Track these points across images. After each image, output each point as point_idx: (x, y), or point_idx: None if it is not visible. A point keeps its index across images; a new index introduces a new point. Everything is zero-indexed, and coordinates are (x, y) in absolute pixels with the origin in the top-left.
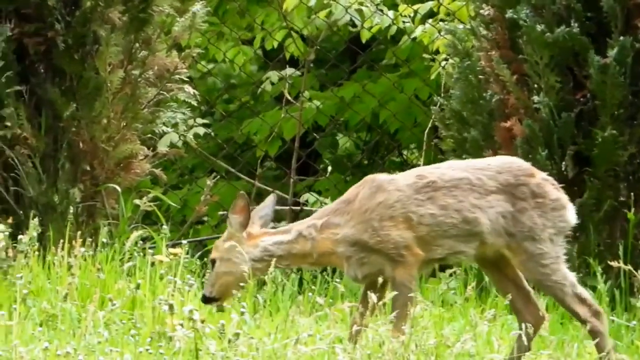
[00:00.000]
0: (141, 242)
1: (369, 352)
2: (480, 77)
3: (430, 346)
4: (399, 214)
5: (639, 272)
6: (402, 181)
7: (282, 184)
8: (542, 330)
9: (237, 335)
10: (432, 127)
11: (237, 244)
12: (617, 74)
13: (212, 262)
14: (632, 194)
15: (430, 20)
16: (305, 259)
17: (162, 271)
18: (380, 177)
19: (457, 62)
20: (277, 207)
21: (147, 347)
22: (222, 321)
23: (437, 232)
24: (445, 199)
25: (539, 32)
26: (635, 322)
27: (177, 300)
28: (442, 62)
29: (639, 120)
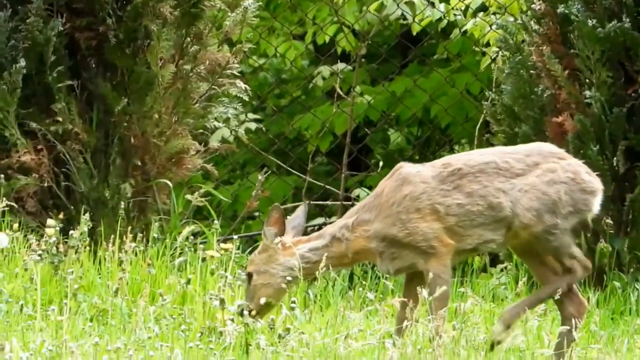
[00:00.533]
0: (192, 237)
1: (419, 347)
2: (531, 72)
3: (480, 341)
4: (425, 205)
5: None
6: (428, 172)
7: (334, 179)
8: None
9: (287, 330)
10: (483, 122)
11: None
12: None
13: (249, 276)
14: None
15: (481, 13)
16: (341, 260)
17: (212, 266)
18: (406, 169)
19: (509, 57)
20: (329, 203)
21: (197, 342)
22: (272, 316)
23: (465, 221)
24: (470, 186)
25: (590, 27)
26: None
27: (228, 295)
28: (493, 55)
29: None
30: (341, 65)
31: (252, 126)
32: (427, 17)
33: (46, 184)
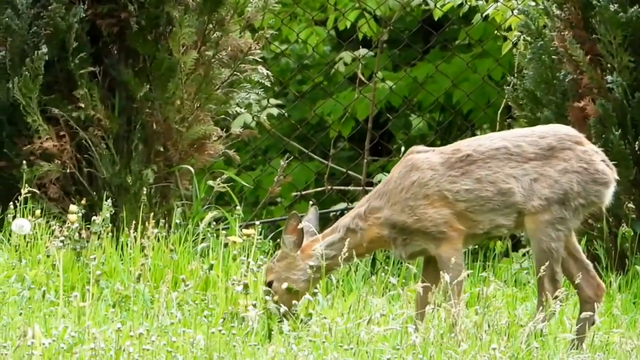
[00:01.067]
0: (214, 223)
1: (441, 331)
2: (553, 57)
3: (502, 326)
4: (433, 192)
5: None
6: (436, 159)
7: (355, 165)
8: (614, 309)
9: (310, 315)
10: (505, 107)
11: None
12: None
13: (269, 285)
14: None
15: None
16: (358, 250)
17: (235, 252)
18: (415, 156)
19: (530, 42)
20: (351, 188)
21: (220, 328)
22: (294, 301)
23: (475, 207)
24: (479, 172)
25: (612, 12)
26: None
27: (250, 280)
28: (514, 40)
29: None
30: (363, 50)
31: (274, 112)
32: (449, 2)
33: (68, 170)
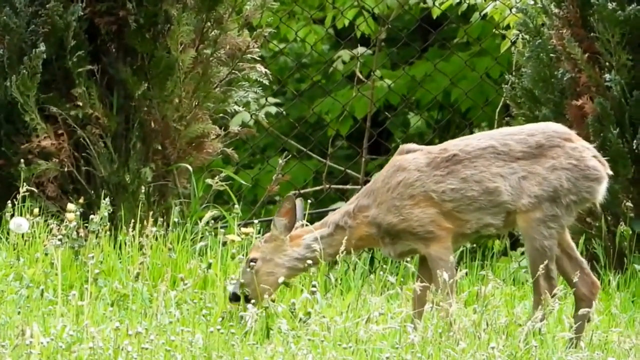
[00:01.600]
0: (213, 221)
1: (440, 330)
2: (551, 55)
3: (501, 325)
4: (419, 192)
5: None
6: (423, 159)
7: (354, 163)
8: (612, 307)
9: (308, 314)
10: (503, 106)
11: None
12: None
13: (251, 261)
14: None
15: None
16: (347, 247)
17: (233, 250)
18: (403, 156)
19: (529, 40)
20: (349, 187)
21: (219, 327)
22: (293, 300)
23: (462, 206)
24: (465, 171)
25: (610, 10)
26: None
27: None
28: (513, 38)
29: None
30: (361, 49)
31: (273, 110)
32: (447, 0)
33: (66, 169)
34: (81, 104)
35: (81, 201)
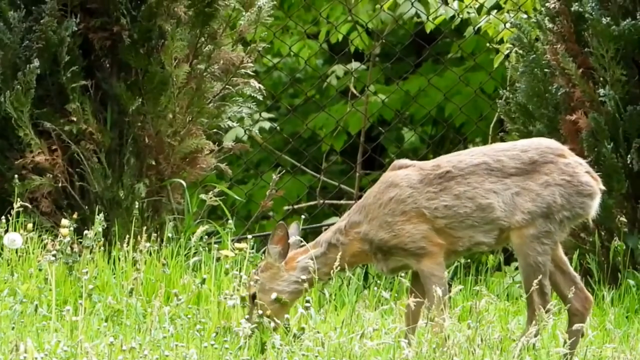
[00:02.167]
0: (206, 237)
1: (434, 346)
2: (545, 70)
3: (495, 340)
4: (410, 208)
5: None
6: (415, 175)
7: (348, 178)
8: (607, 323)
9: (302, 329)
10: (497, 121)
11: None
12: None
13: (253, 297)
14: None
15: (494, 12)
16: (340, 264)
17: (227, 266)
18: (395, 172)
19: (523, 55)
20: (343, 202)
21: (212, 342)
22: (287, 315)
23: (454, 223)
24: (458, 188)
25: (604, 25)
26: None
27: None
28: (506, 52)
29: None
30: (355, 64)
31: (266, 125)
32: (441, 15)
33: (60, 184)
34: (75, 120)
35: (75, 216)
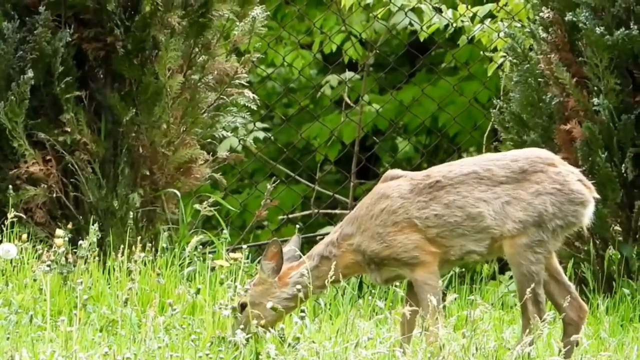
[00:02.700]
0: (201, 246)
1: (429, 355)
2: (539, 80)
3: (490, 349)
4: (402, 219)
5: None
6: (406, 185)
7: (342, 188)
8: (601, 332)
9: (297, 339)
10: (491, 130)
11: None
12: None
13: (242, 306)
14: None
15: (488, 20)
16: (334, 276)
17: (222, 276)
18: (387, 183)
19: (517, 65)
20: (338, 212)
21: (207, 352)
22: (282, 325)
23: (445, 232)
24: (448, 197)
25: (598, 35)
26: None
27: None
28: (500, 61)
29: None
30: (349, 74)
31: (261, 135)
32: (435, 24)
33: (55, 195)
34: (69, 130)
35: (69, 227)
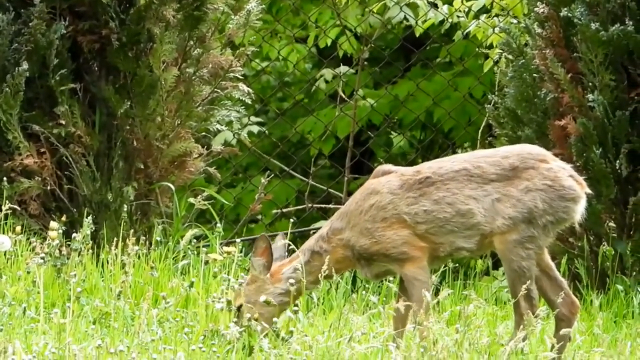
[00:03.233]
0: (195, 240)
1: (422, 350)
2: (534, 75)
3: (483, 344)
4: (391, 215)
5: None
6: (396, 181)
7: (336, 183)
8: (595, 328)
9: (290, 333)
10: (486, 126)
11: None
12: None
13: (239, 309)
14: None
15: (484, 16)
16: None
17: (215, 269)
18: (377, 179)
19: (512, 60)
20: (332, 206)
21: (200, 345)
22: (275, 319)
23: (434, 228)
24: (437, 194)
25: (593, 31)
26: None
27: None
28: (496, 57)
29: None
30: (344, 68)
31: (255, 129)
32: (430, 19)
33: (49, 187)
34: (64, 123)
35: (64, 219)
